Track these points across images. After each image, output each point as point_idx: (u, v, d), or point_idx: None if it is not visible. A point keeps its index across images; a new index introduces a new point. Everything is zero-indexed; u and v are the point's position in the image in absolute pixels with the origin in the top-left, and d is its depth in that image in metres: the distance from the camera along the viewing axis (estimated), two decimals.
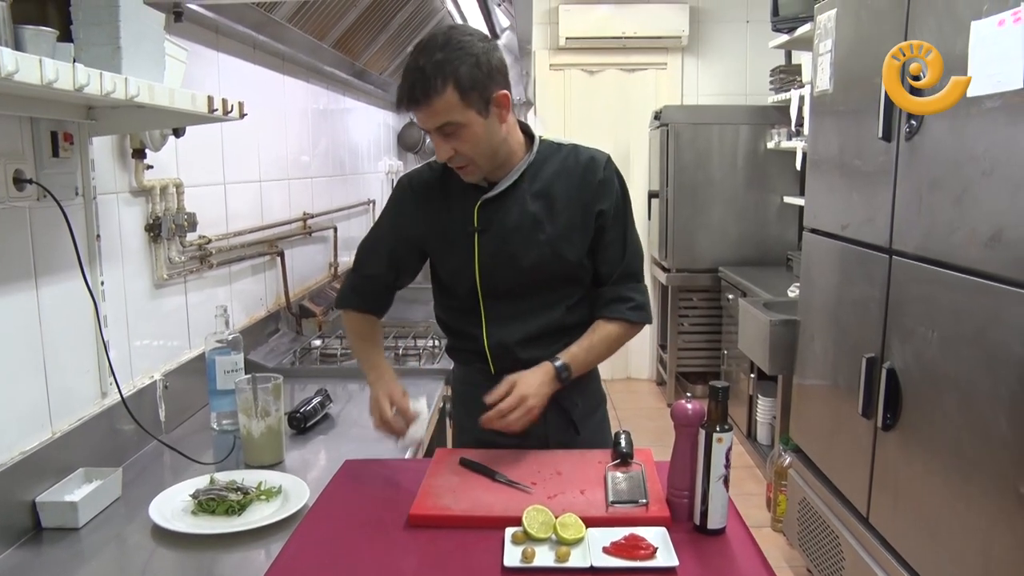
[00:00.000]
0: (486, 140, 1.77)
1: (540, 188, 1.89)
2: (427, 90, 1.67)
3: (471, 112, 1.71)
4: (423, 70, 1.67)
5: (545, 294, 1.93)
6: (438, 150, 1.77)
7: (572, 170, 1.90)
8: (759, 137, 5.37)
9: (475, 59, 1.69)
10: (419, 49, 1.71)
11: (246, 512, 1.69)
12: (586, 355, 1.91)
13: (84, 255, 1.85)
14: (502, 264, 1.90)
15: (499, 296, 1.93)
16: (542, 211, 1.88)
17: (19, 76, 1.22)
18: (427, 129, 1.75)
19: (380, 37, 3.92)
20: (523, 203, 1.88)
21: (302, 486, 1.78)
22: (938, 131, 2.26)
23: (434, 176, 1.96)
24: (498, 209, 1.88)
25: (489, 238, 1.89)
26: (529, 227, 1.87)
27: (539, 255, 1.88)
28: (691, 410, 1.58)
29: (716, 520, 1.54)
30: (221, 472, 1.84)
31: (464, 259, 1.92)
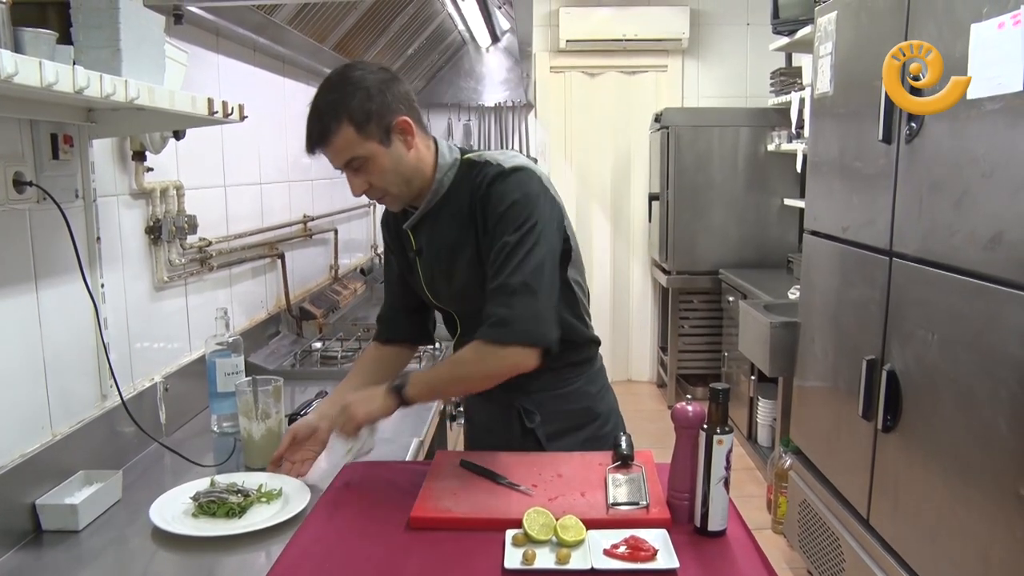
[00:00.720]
0: (393, 169, 1.77)
1: (452, 211, 1.86)
2: (324, 131, 1.70)
3: (371, 143, 1.72)
4: (318, 111, 1.70)
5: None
6: (352, 186, 1.79)
7: (475, 190, 1.82)
8: (759, 139, 5.37)
9: (366, 92, 1.70)
10: (316, 93, 1.73)
11: (247, 514, 1.68)
12: (431, 374, 1.91)
13: (84, 258, 1.85)
14: (440, 285, 1.93)
15: (458, 312, 1.97)
16: (460, 234, 1.84)
17: (19, 78, 1.22)
18: (338, 168, 1.78)
19: (380, 40, 3.92)
20: (442, 228, 1.88)
21: (303, 488, 1.77)
22: (938, 133, 2.26)
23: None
24: (426, 233, 1.91)
25: (425, 261, 1.93)
26: (448, 251, 1.88)
27: (469, 275, 1.85)
28: (691, 412, 1.58)
29: (717, 522, 1.54)
30: (222, 475, 1.83)
31: (416, 280, 1.98)
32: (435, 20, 4.53)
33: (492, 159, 1.85)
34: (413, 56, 4.77)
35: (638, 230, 6.23)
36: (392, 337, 2.10)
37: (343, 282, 4.07)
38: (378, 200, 1.85)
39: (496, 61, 6.01)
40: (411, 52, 4.66)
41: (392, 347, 2.10)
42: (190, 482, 1.79)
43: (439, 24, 4.71)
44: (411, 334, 2.11)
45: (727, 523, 1.55)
